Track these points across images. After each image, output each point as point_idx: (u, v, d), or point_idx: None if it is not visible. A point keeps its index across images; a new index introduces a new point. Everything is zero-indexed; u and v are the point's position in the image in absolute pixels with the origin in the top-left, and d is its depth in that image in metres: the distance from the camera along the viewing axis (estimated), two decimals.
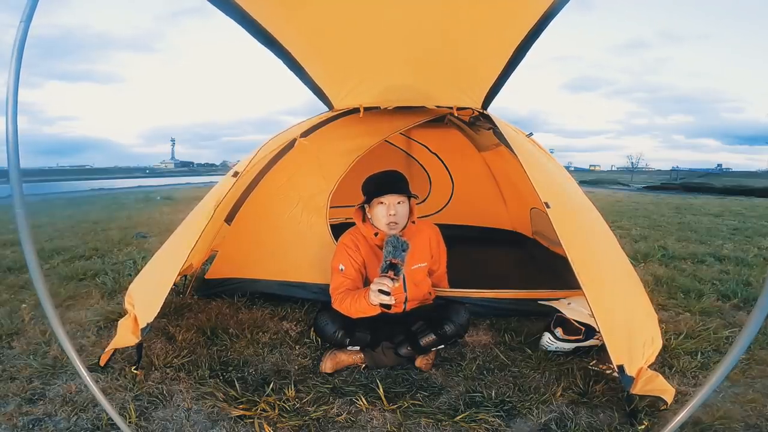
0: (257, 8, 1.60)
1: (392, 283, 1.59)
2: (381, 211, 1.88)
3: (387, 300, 1.60)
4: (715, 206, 10.09)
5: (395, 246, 1.64)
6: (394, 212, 1.87)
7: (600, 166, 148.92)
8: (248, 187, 2.81)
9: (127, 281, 2.21)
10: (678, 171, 54.71)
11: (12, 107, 0.99)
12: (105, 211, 8.70)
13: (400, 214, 1.89)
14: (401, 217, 1.90)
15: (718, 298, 2.86)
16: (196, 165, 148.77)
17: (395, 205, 1.88)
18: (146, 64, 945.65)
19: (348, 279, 1.90)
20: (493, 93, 2.41)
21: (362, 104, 2.69)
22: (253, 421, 1.51)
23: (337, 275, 1.92)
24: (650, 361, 1.56)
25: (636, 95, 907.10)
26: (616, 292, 1.77)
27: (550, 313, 2.13)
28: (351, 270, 1.92)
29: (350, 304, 1.79)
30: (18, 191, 1.05)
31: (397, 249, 1.63)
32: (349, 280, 1.90)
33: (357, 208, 2.02)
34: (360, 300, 1.73)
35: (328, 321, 1.89)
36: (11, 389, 1.69)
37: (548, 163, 2.48)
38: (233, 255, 2.81)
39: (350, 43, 1.95)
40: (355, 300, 1.76)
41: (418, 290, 2.07)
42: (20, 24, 0.99)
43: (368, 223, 1.98)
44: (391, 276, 1.60)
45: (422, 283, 2.08)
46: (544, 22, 1.59)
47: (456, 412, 1.57)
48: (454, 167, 4.69)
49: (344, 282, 1.90)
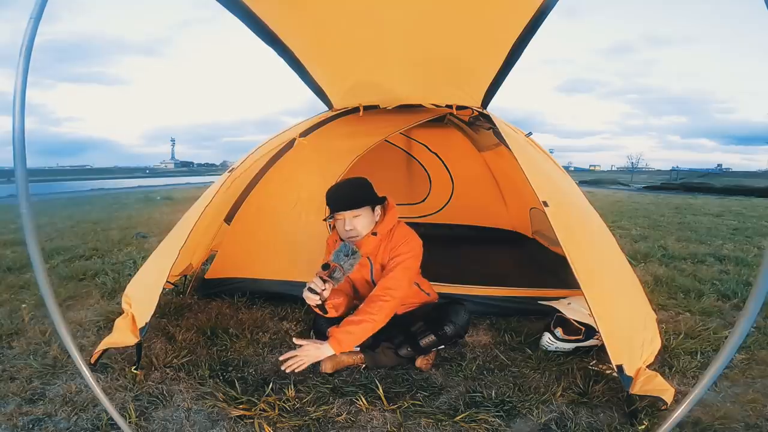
0: (262, 7, 1.62)
1: (321, 284, 1.65)
2: (339, 227, 1.89)
3: (314, 299, 1.66)
4: (715, 206, 10.09)
5: (340, 250, 1.71)
6: (351, 227, 1.85)
7: (600, 166, 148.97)
8: (248, 187, 2.82)
9: (127, 281, 2.21)
10: (678, 171, 54.72)
11: (20, 105, 0.99)
12: (105, 211, 8.70)
13: (357, 227, 1.85)
14: (361, 229, 1.86)
15: (718, 298, 2.86)
16: (196, 165, 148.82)
17: (351, 219, 1.85)
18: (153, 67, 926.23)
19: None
20: (492, 91, 2.41)
21: (362, 103, 2.69)
22: (253, 421, 1.51)
23: None
24: (649, 361, 1.56)
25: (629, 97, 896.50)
26: (615, 292, 1.77)
27: (550, 313, 2.13)
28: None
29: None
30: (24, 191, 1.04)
31: (341, 253, 1.70)
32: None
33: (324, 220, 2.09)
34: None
35: (326, 321, 1.89)
36: (11, 389, 1.69)
37: (547, 163, 2.49)
38: (233, 255, 2.81)
39: (350, 41, 1.96)
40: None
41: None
42: (30, 21, 0.98)
43: (335, 232, 1.99)
44: (322, 276, 1.66)
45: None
46: (538, 19, 1.60)
47: (456, 412, 1.57)
48: (454, 167, 4.69)
49: None
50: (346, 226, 1.85)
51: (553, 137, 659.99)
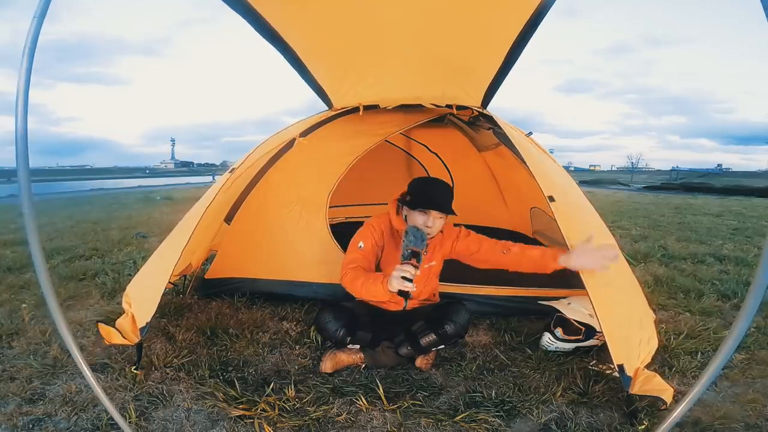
0: (263, 4, 1.62)
1: (415, 271, 1.57)
2: (420, 220, 1.87)
3: (410, 287, 1.57)
4: (715, 206, 10.09)
5: (416, 235, 1.63)
6: (431, 225, 1.87)
7: (600, 166, 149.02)
8: (247, 187, 2.81)
9: (127, 281, 2.22)
10: (678, 171, 54.68)
11: (23, 104, 0.99)
12: (105, 211, 8.69)
13: (436, 227, 1.90)
14: (435, 231, 1.91)
15: (718, 298, 2.86)
16: (196, 165, 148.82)
17: (436, 219, 1.88)
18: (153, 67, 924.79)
19: (363, 257, 1.91)
20: (492, 91, 2.41)
21: (362, 103, 2.69)
22: (253, 421, 1.51)
23: (354, 251, 1.94)
24: (646, 361, 1.56)
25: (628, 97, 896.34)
26: (618, 292, 1.77)
27: (550, 313, 2.13)
28: (369, 250, 1.94)
29: (363, 284, 1.76)
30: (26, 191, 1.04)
31: (418, 238, 1.62)
32: (363, 259, 1.91)
33: (395, 199, 2.02)
34: (376, 284, 1.70)
35: (330, 319, 1.89)
36: (11, 389, 1.69)
37: (548, 162, 2.49)
38: (233, 255, 2.81)
39: (351, 40, 1.96)
40: (371, 282, 1.73)
41: (426, 289, 2.08)
42: (33, 20, 0.98)
43: (401, 216, 1.98)
44: (413, 263, 1.59)
45: (430, 282, 2.09)
46: (537, 17, 1.60)
47: (456, 412, 1.57)
48: (454, 167, 4.69)
49: (357, 258, 1.90)
50: (430, 223, 1.86)
51: (553, 137, 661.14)
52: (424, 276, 2.04)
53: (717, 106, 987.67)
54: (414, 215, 1.89)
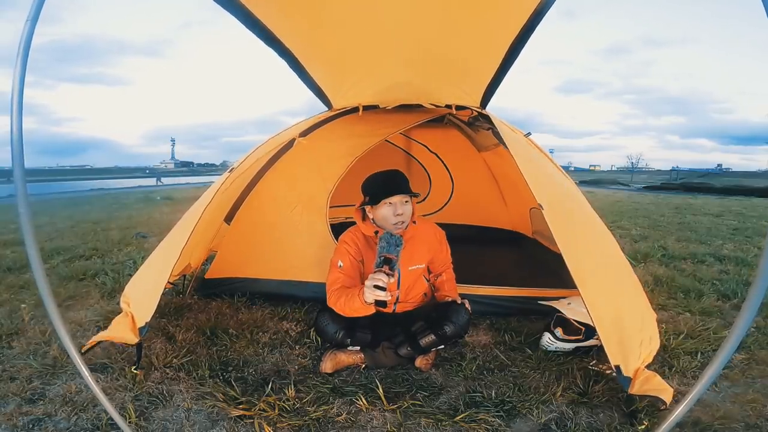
0: (260, 7, 1.62)
1: (387, 279, 1.57)
2: (388, 212, 1.88)
3: (383, 296, 1.58)
4: (715, 206, 10.09)
5: (389, 241, 1.63)
6: (401, 212, 1.88)
7: (600, 166, 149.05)
8: (247, 187, 2.81)
9: (126, 281, 2.21)
10: (678, 171, 54.67)
11: (17, 106, 0.99)
12: (105, 211, 8.69)
13: (407, 213, 1.91)
14: (407, 216, 1.92)
15: (718, 298, 2.86)
16: (196, 165, 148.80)
17: (402, 204, 1.89)
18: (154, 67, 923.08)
19: (345, 276, 1.90)
20: (491, 91, 2.41)
21: (361, 103, 2.69)
22: (253, 421, 1.51)
23: (335, 271, 1.92)
24: (647, 361, 1.56)
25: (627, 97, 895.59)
26: (613, 293, 1.77)
27: (550, 313, 2.13)
28: (349, 267, 1.92)
29: (344, 302, 1.77)
30: (22, 191, 1.04)
31: (391, 244, 1.62)
32: (346, 277, 1.90)
33: (357, 208, 2.01)
34: (353, 299, 1.72)
35: (329, 321, 1.89)
36: (11, 389, 1.69)
37: (545, 163, 2.48)
38: (233, 255, 2.81)
39: (349, 41, 1.96)
40: (349, 299, 1.75)
41: (413, 292, 2.06)
42: (26, 23, 0.98)
43: (368, 222, 1.98)
44: (386, 271, 1.59)
45: (417, 284, 2.07)
46: (536, 18, 1.60)
47: (456, 412, 1.57)
48: (454, 167, 4.69)
49: (340, 278, 1.90)
50: (398, 210, 1.86)
51: (553, 137, 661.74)
52: (410, 279, 2.03)
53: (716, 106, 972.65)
54: (381, 212, 1.89)
